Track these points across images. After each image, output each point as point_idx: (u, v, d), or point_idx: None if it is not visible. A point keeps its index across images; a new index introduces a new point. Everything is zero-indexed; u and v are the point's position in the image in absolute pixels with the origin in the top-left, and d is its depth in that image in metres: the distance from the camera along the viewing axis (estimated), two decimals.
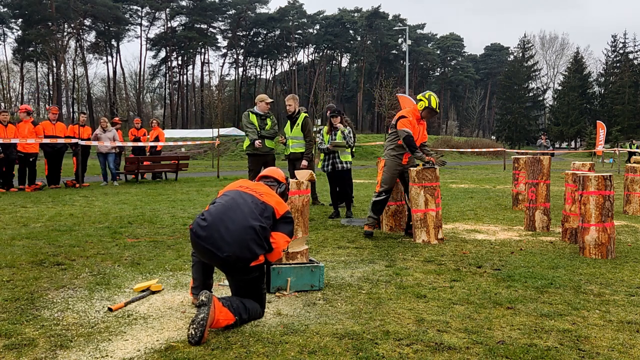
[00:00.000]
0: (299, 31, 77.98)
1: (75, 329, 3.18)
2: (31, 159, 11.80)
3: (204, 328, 2.92)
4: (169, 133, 40.99)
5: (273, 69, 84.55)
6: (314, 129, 9.60)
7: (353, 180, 9.78)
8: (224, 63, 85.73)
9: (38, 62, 64.86)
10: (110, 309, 3.52)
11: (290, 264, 4.13)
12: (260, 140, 8.14)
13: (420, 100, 6.34)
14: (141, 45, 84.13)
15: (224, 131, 41.78)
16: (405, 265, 4.99)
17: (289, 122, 8.61)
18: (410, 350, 2.91)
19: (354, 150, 8.98)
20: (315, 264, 4.13)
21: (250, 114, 8.28)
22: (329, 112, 9.09)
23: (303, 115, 8.60)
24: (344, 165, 8.28)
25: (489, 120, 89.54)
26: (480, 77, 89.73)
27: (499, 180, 16.84)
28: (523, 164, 9.38)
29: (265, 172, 3.94)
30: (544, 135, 26.10)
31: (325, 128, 8.41)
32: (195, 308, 3.55)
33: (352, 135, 8.38)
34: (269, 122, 8.20)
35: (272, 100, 8.35)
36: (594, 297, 3.99)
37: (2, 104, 50.50)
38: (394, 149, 6.45)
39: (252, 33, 77.74)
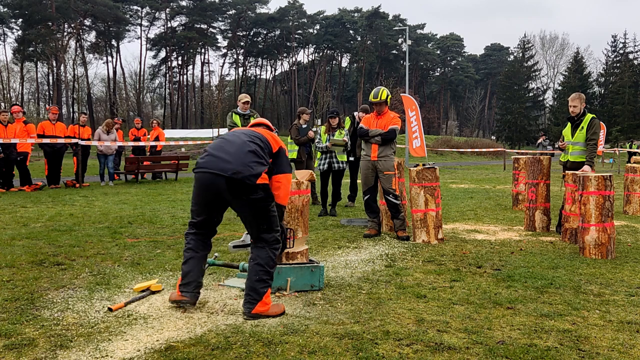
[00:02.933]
0: (299, 31, 77.93)
1: (75, 329, 3.18)
2: (19, 158, 11.67)
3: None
4: (169, 133, 40.99)
5: (273, 69, 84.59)
6: (314, 129, 9.64)
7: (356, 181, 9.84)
8: (224, 63, 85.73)
9: (38, 62, 64.82)
10: (110, 309, 3.52)
11: (290, 264, 4.13)
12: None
13: None
14: (141, 45, 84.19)
15: (224, 131, 41.75)
16: (405, 265, 4.99)
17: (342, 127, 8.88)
18: (410, 350, 2.91)
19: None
20: (315, 264, 4.13)
21: (233, 114, 8.34)
22: (360, 112, 9.44)
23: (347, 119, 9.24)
24: (341, 165, 8.39)
25: (489, 120, 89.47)
26: (480, 77, 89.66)
27: (499, 181, 16.84)
28: (523, 164, 9.38)
29: (256, 121, 4.06)
30: (543, 135, 26.08)
31: (323, 128, 8.50)
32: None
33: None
34: (252, 120, 8.21)
35: (247, 100, 8.38)
36: (594, 297, 3.99)
37: (2, 104, 50.46)
38: (363, 149, 6.60)
39: (252, 33, 77.71)
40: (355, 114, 9.47)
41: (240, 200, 3.40)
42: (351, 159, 9.41)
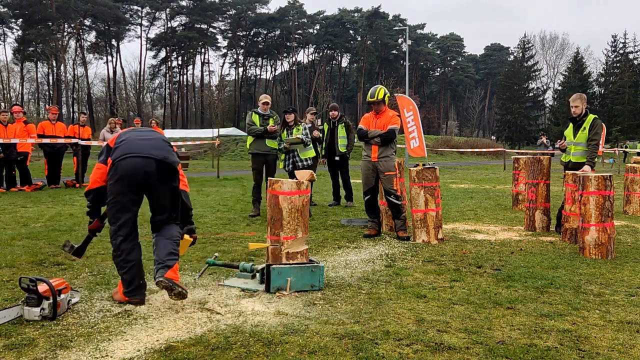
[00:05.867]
0: (299, 31, 77.96)
1: (75, 329, 3.18)
2: (19, 158, 11.66)
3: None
4: (169, 133, 41.00)
5: (273, 69, 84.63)
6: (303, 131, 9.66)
7: (352, 181, 9.82)
8: (224, 63, 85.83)
9: (38, 62, 64.86)
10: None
11: (290, 264, 4.13)
12: (274, 125, 8.16)
13: None
14: (141, 45, 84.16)
15: (224, 131, 41.77)
16: (405, 265, 4.99)
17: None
18: (410, 350, 2.91)
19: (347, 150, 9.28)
20: (315, 264, 4.13)
21: (253, 113, 8.35)
22: (333, 111, 9.38)
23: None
24: (304, 162, 8.16)
25: (489, 120, 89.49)
26: (480, 77, 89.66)
27: (499, 181, 16.84)
28: (523, 164, 9.37)
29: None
30: (543, 135, 26.09)
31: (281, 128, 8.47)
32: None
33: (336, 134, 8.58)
34: (271, 121, 8.23)
35: (266, 100, 8.37)
36: (594, 297, 3.99)
37: (2, 104, 50.47)
38: (364, 150, 6.58)
39: (252, 33, 77.73)
40: (331, 113, 9.51)
41: None
42: (337, 158, 9.40)
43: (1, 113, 11.72)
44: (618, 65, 63.48)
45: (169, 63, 74.24)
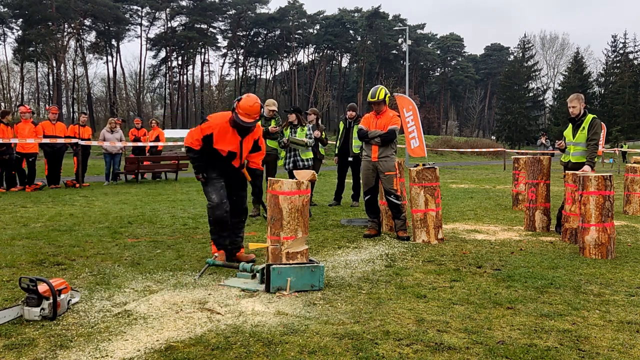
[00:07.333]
0: (299, 31, 77.89)
1: (75, 329, 3.18)
2: (30, 159, 11.75)
3: None
4: (169, 133, 40.91)
5: (273, 69, 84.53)
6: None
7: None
8: (224, 63, 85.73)
9: (38, 62, 64.80)
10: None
11: (290, 264, 4.13)
12: (275, 126, 8.19)
13: None
14: (141, 45, 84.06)
15: None
16: (405, 265, 4.99)
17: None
18: (410, 350, 2.91)
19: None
20: (315, 264, 4.13)
21: None
22: (350, 111, 9.49)
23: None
24: (305, 162, 8.17)
25: (489, 120, 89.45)
26: (480, 77, 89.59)
27: (499, 181, 16.84)
28: (523, 164, 9.37)
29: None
30: (543, 135, 26.09)
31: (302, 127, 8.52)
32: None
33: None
34: (273, 122, 8.29)
35: (273, 108, 8.42)
36: (594, 297, 3.99)
37: (2, 104, 50.46)
38: (364, 150, 6.58)
39: (252, 33, 77.68)
40: (348, 113, 9.53)
41: None
42: (350, 159, 9.42)
43: (9, 114, 11.74)
44: (618, 65, 63.48)
45: (169, 63, 74.17)
